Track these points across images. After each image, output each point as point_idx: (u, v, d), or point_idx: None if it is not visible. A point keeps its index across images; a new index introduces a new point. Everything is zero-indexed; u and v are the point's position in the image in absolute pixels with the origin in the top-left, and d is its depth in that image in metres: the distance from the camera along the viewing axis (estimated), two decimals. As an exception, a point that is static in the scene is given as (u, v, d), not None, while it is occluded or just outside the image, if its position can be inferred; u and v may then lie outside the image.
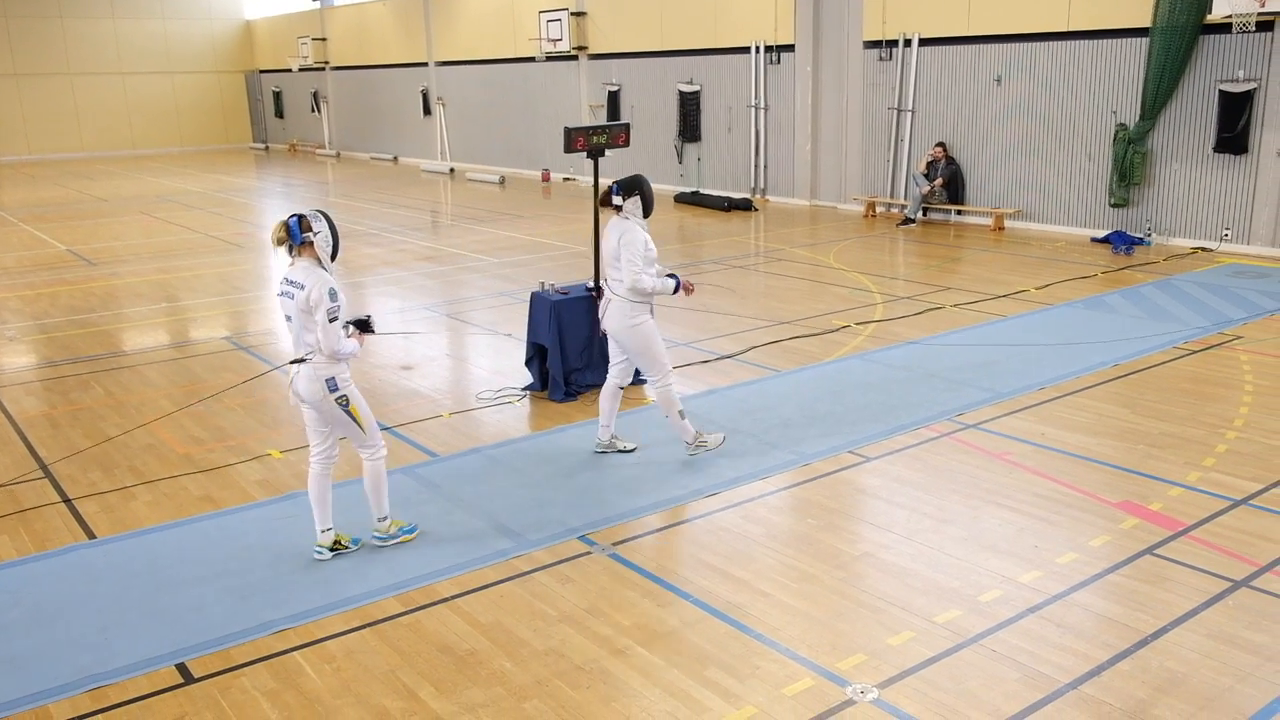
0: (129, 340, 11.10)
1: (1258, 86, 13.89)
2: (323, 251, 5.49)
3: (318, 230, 5.47)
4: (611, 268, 6.85)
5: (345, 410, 5.63)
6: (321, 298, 5.37)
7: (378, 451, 5.83)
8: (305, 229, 5.44)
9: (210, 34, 41.07)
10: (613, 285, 6.88)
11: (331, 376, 5.55)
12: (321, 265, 5.49)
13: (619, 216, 6.88)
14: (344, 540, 5.94)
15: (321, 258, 5.49)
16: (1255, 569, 5.42)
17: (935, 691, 4.42)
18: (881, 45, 18.58)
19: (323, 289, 5.38)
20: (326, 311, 5.38)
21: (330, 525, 5.87)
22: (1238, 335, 10.03)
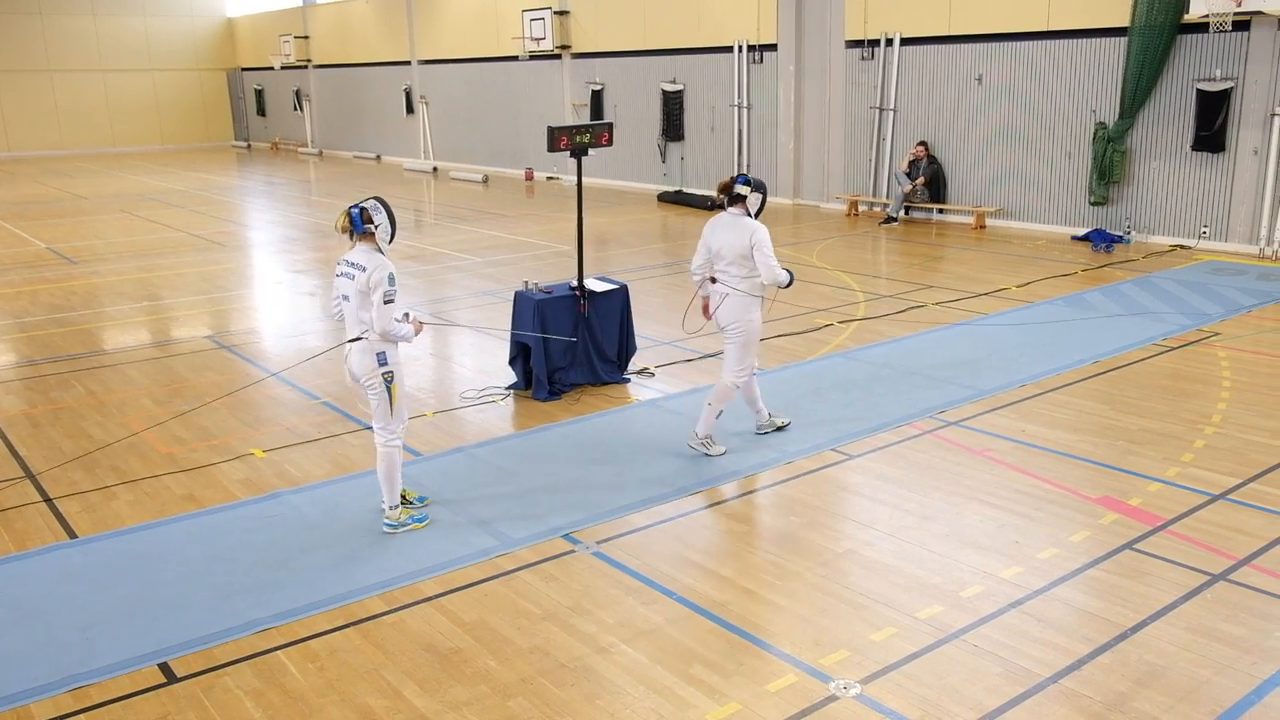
0: (110, 339, 11.04)
1: (1234, 85, 14.01)
2: (382, 241, 5.85)
3: (378, 223, 5.81)
4: (732, 263, 6.98)
5: (387, 386, 5.90)
6: (380, 281, 5.70)
7: (394, 439, 6.01)
8: (367, 220, 5.78)
9: (192, 31, 40.84)
10: (730, 280, 7.01)
11: (383, 351, 5.85)
12: (380, 250, 5.82)
13: (734, 211, 7.05)
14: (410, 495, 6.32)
15: (381, 245, 5.84)
16: (1233, 563, 5.48)
17: (918, 686, 4.45)
18: (863, 45, 18.65)
19: (382, 273, 5.72)
20: (384, 294, 5.71)
21: (397, 503, 6.12)
22: (1215, 332, 10.12)
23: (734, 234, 6.96)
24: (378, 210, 5.81)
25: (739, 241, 6.91)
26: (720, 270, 7.09)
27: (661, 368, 9.35)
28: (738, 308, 7.04)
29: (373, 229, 5.79)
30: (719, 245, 7.05)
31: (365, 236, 5.82)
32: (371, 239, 5.82)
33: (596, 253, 15.47)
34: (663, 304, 11.99)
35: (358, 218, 5.76)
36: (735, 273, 7.00)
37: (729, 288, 7.02)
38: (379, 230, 5.81)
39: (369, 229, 5.79)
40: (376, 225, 5.80)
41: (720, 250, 7.04)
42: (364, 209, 5.78)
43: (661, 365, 9.42)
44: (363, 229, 5.78)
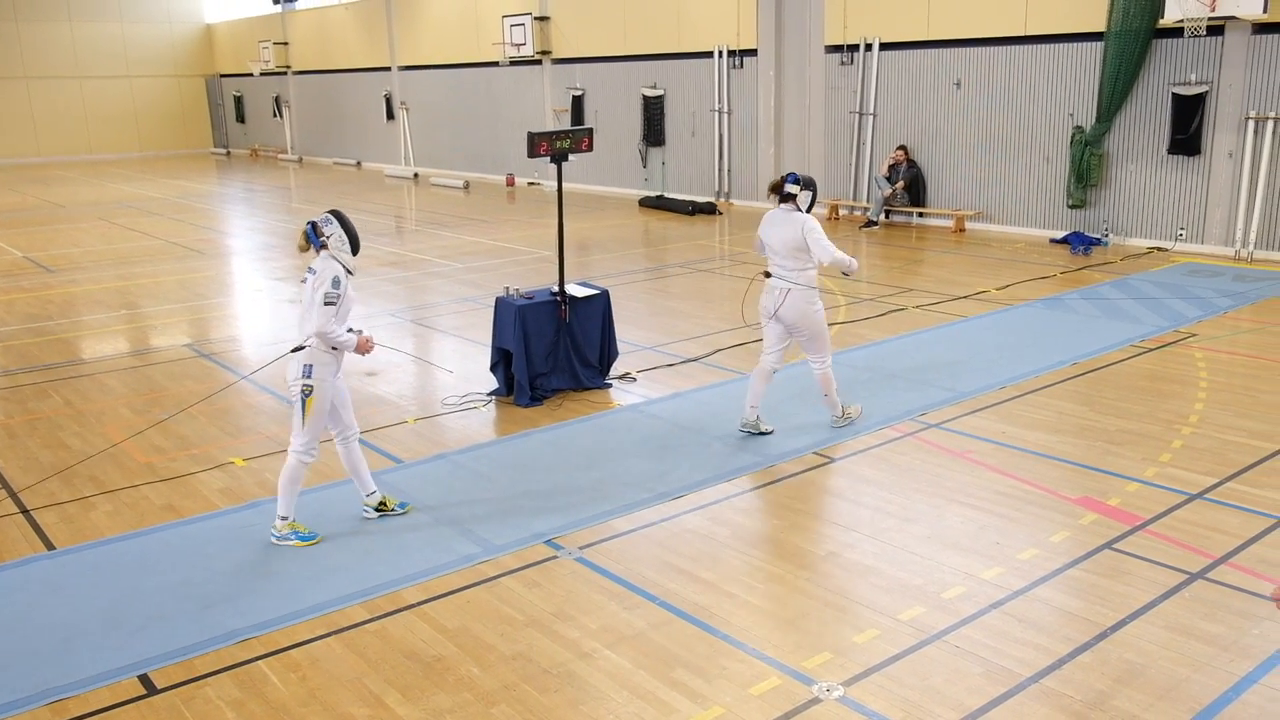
0: (88, 348, 10.96)
1: (1209, 89, 14.14)
2: (338, 251, 5.92)
3: (329, 233, 5.92)
4: (787, 258, 7.27)
5: (303, 399, 5.85)
6: (324, 281, 5.77)
7: (305, 454, 5.95)
8: (319, 233, 5.91)
9: (170, 37, 40.64)
10: (788, 275, 7.31)
11: (310, 364, 5.83)
12: (338, 259, 5.91)
13: (786, 208, 7.32)
14: (390, 502, 6.37)
15: (338, 256, 5.91)
16: (1210, 561, 5.52)
17: (900, 688, 4.47)
18: (843, 50, 18.73)
19: (328, 275, 5.79)
20: (324, 294, 5.75)
21: (373, 489, 6.30)
22: (1193, 333, 10.20)
23: (787, 228, 7.27)
24: (329, 223, 5.94)
25: (792, 234, 7.22)
26: (776, 265, 7.38)
27: (643, 373, 9.36)
28: (800, 302, 7.33)
29: (326, 240, 5.91)
30: (773, 240, 7.37)
31: (322, 249, 5.93)
32: (327, 250, 5.93)
33: (578, 258, 15.48)
34: (644, 309, 12.00)
35: (311, 233, 5.94)
36: (791, 265, 7.30)
37: (788, 282, 7.32)
38: (331, 240, 5.92)
39: (323, 241, 5.92)
40: (328, 236, 5.92)
41: (774, 245, 7.36)
42: (315, 224, 5.94)
43: (643, 370, 9.42)
44: (318, 243, 5.92)
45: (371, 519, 6.32)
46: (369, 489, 6.33)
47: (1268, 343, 9.82)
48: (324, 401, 5.91)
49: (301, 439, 5.93)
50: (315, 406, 5.89)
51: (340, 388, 6.09)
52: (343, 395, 6.13)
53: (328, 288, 5.77)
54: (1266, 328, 10.39)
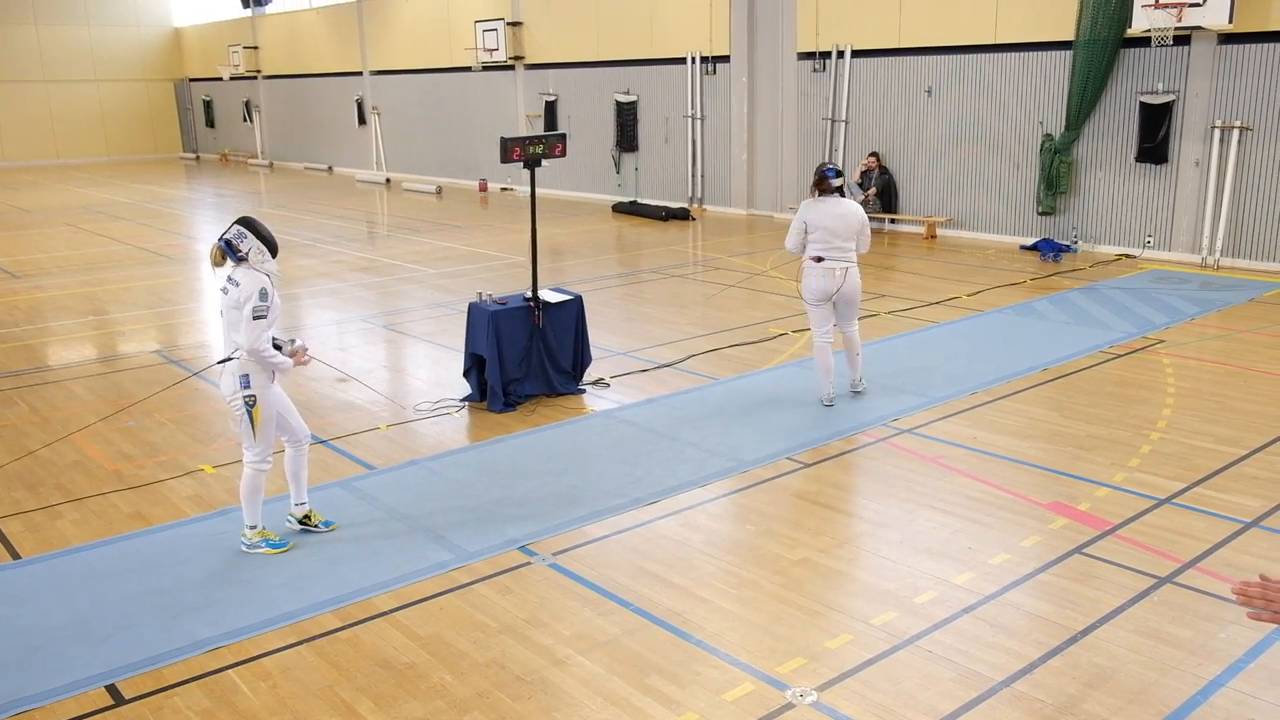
0: (54, 355, 10.83)
1: (1176, 98, 14.32)
2: (259, 263, 5.71)
3: (247, 248, 5.70)
4: (848, 239, 8.19)
5: (248, 410, 5.77)
6: (250, 295, 5.58)
7: (260, 464, 5.89)
8: (237, 251, 5.69)
9: (138, 41, 40.25)
10: (847, 255, 8.22)
11: (246, 374, 5.73)
12: (261, 270, 5.70)
13: (837, 198, 8.21)
14: (316, 518, 6.22)
15: (261, 268, 5.71)
16: (1179, 565, 5.58)
17: (873, 693, 4.48)
18: (815, 57, 18.83)
19: (254, 287, 5.60)
20: (252, 309, 5.58)
21: (304, 500, 6.19)
22: (1160, 339, 10.32)
23: (848, 211, 8.22)
24: (243, 237, 5.69)
25: (856, 217, 8.23)
26: (836, 248, 8.18)
27: (617, 378, 9.35)
28: (858, 277, 8.36)
29: (244, 254, 5.69)
30: (838, 225, 8.16)
31: (242, 263, 5.70)
32: (248, 263, 5.71)
33: (551, 264, 15.46)
34: (618, 314, 12.00)
35: (227, 249, 5.69)
36: (850, 246, 8.23)
37: (849, 261, 8.23)
38: (250, 253, 5.69)
39: (242, 256, 5.68)
40: (245, 251, 5.68)
41: (838, 229, 8.17)
42: (228, 240, 5.68)
43: (617, 376, 9.42)
44: (236, 259, 5.69)
45: (293, 529, 6.19)
46: (300, 499, 6.21)
47: (1234, 349, 9.95)
48: (269, 408, 5.84)
49: (255, 450, 5.87)
50: (262, 415, 5.81)
51: (279, 393, 5.99)
52: (284, 402, 6.05)
53: (255, 301, 5.57)
54: (1233, 334, 10.52)
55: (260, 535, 5.99)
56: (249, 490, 5.92)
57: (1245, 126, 13.73)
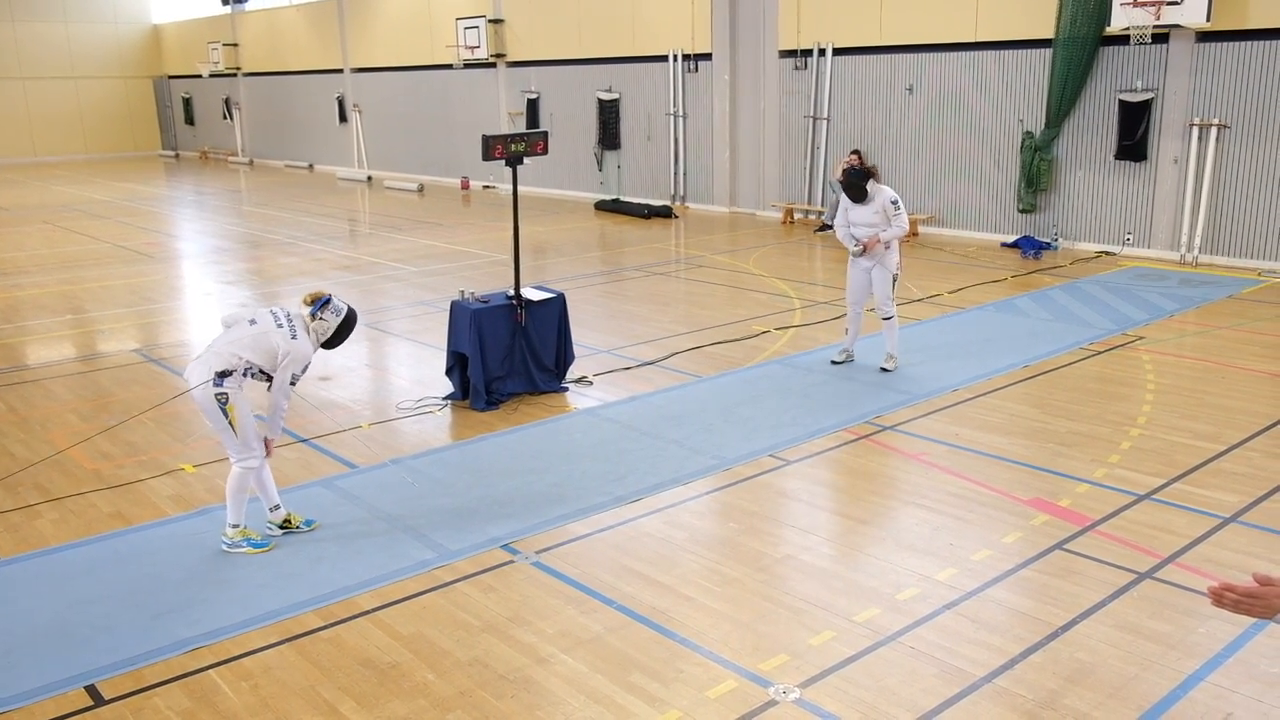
0: (32, 354, 10.74)
1: (1155, 96, 14.42)
2: (318, 334, 6.04)
3: (325, 319, 6.04)
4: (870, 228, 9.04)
5: (222, 408, 5.78)
6: (298, 362, 5.89)
7: (248, 461, 5.90)
8: (320, 313, 6.03)
9: (116, 38, 39.94)
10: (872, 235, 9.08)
11: (223, 374, 5.77)
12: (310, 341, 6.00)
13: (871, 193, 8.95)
14: (295, 520, 6.20)
15: (313, 338, 6.03)
16: (1158, 561, 5.62)
17: (856, 689, 4.50)
18: (797, 55, 18.86)
19: (305, 359, 5.93)
20: (293, 376, 5.91)
21: (278, 504, 6.16)
22: (1140, 336, 10.39)
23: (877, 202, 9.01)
24: (337, 313, 6.05)
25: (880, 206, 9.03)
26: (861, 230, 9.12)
27: (600, 376, 9.35)
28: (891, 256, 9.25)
29: (317, 318, 6.02)
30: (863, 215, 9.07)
31: (309, 319, 6.02)
32: (309, 324, 6.02)
33: (533, 261, 15.43)
34: (600, 312, 11.99)
35: (320, 304, 6.03)
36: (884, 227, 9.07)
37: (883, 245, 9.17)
38: (318, 325, 6.02)
39: (316, 315, 6.02)
40: (321, 319, 6.02)
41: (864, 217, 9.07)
42: (329, 299, 6.06)
43: (600, 374, 9.41)
44: (313, 312, 6.02)
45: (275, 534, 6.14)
46: (273, 503, 6.16)
47: (1213, 345, 10.03)
48: (243, 404, 5.84)
49: (239, 449, 5.87)
50: (238, 411, 5.81)
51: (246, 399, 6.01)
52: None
53: (297, 370, 5.90)
54: (1212, 331, 10.60)
55: (241, 534, 5.96)
56: (235, 488, 5.90)
57: (1223, 124, 13.83)
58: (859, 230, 9.12)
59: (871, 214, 9.01)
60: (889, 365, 9.31)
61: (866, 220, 9.06)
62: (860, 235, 9.12)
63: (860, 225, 9.10)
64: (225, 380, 5.75)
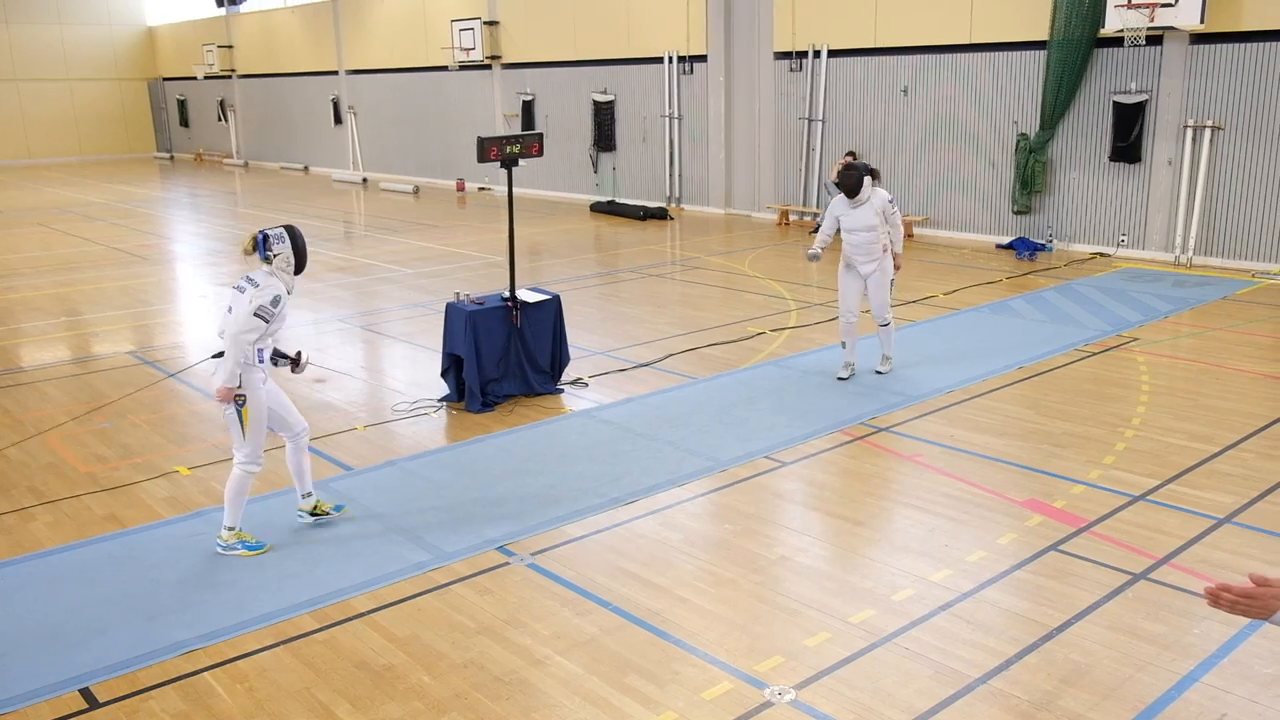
0: (27, 356, 10.72)
1: (1148, 98, 14.44)
2: (282, 272, 5.86)
3: (278, 251, 5.84)
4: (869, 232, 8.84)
5: (237, 410, 5.77)
6: (263, 296, 5.70)
7: (250, 465, 5.88)
8: (268, 248, 5.82)
9: (111, 40, 39.87)
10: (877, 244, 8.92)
11: (240, 373, 5.73)
12: (279, 278, 5.84)
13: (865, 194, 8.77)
14: (325, 507, 6.29)
15: (281, 276, 5.85)
16: (1153, 562, 5.62)
17: (851, 691, 4.50)
18: (792, 56, 18.87)
19: (270, 291, 5.73)
20: (258, 309, 5.68)
21: (310, 491, 6.22)
22: (1135, 337, 10.40)
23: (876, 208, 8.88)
24: (281, 240, 5.86)
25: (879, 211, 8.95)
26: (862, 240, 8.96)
27: (595, 378, 9.34)
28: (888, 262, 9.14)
29: (272, 256, 5.83)
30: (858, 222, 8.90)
31: (266, 262, 5.86)
32: (270, 265, 5.86)
33: (529, 263, 15.43)
34: (596, 314, 11.99)
35: (261, 244, 5.83)
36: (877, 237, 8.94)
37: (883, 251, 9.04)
38: (277, 260, 5.85)
39: (269, 256, 5.83)
40: (275, 254, 5.84)
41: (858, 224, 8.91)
42: (266, 235, 5.84)
43: (595, 375, 9.41)
44: (264, 254, 5.84)
45: (306, 523, 6.24)
46: (306, 490, 6.23)
47: (1207, 347, 10.05)
48: (260, 408, 5.82)
49: (245, 450, 5.86)
50: (252, 415, 5.80)
51: (274, 390, 6.01)
52: (279, 398, 6.05)
53: (264, 302, 5.69)
54: (1206, 332, 10.62)
55: (237, 537, 5.95)
56: (235, 491, 5.88)
57: (1217, 126, 13.86)
58: (857, 236, 8.85)
59: (870, 216, 8.78)
60: (884, 368, 9.28)
61: (865, 224, 8.80)
62: (859, 241, 8.86)
63: (858, 230, 8.84)
64: (243, 379, 5.74)
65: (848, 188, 8.80)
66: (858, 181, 8.75)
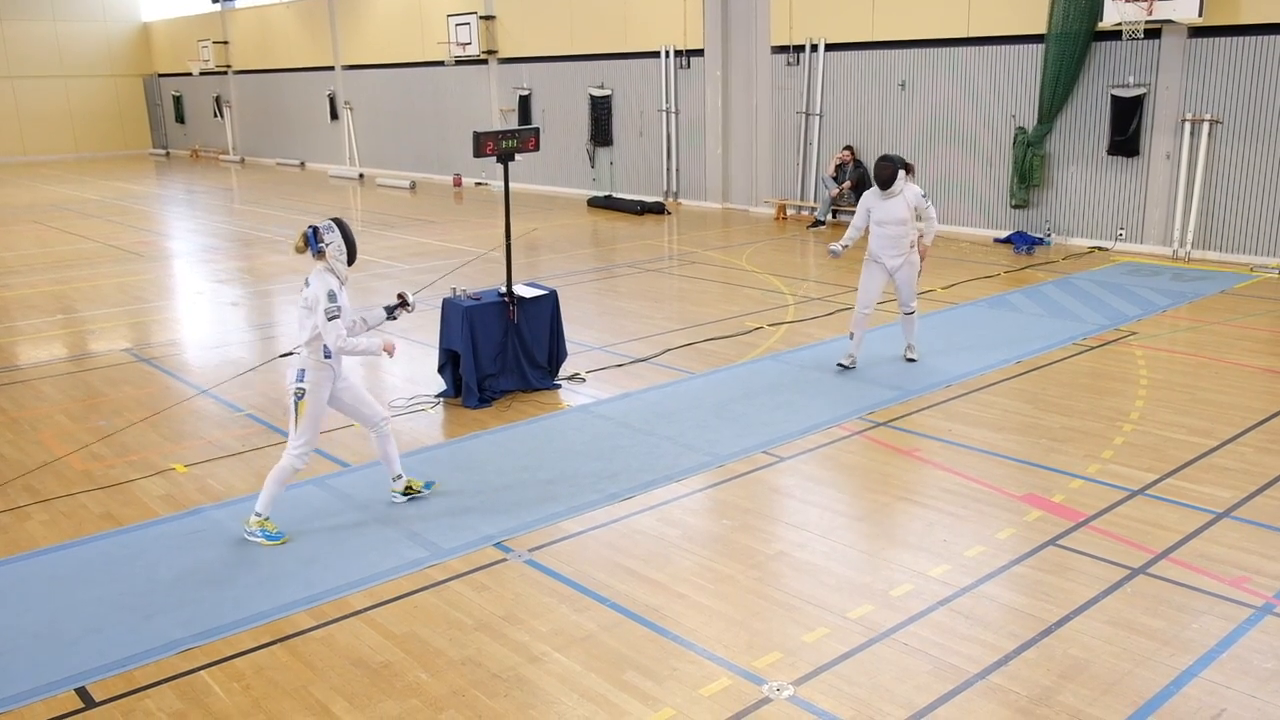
0: (22, 354, 10.69)
1: (1147, 91, 14.42)
2: (335, 261, 6.01)
3: (329, 241, 6.00)
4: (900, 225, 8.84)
5: (295, 401, 5.95)
6: (319, 298, 5.88)
7: (300, 458, 6.04)
8: (319, 240, 5.98)
9: (106, 36, 39.74)
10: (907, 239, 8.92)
11: (303, 369, 5.97)
12: (333, 271, 6.00)
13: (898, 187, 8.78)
14: (416, 485, 6.55)
15: (333, 266, 6.01)
16: (1152, 556, 5.61)
17: (849, 686, 4.49)
18: (789, 50, 18.84)
19: (321, 290, 5.89)
20: (325, 311, 5.86)
21: (400, 473, 6.48)
22: (1133, 331, 10.39)
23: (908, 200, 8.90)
24: (330, 230, 6.01)
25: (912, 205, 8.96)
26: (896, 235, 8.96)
27: (592, 373, 9.33)
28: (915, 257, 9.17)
29: (324, 247, 5.97)
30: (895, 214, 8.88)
31: (320, 255, 5.99)
32: (324, 258, 5.99)
33: (526, 258, 15.39)
34: (593, 309, 11.97)
35: (311, 237, 5.99)
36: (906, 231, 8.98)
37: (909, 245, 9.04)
38: (329, 248, 5.99)
39: (321, 248, 5.97)
40: (327, 244, 5.98)
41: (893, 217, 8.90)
42: (316, 229, 6.00)
43: (592, 371, 9.39)
44: (316, 248, 5.98)
45: (400, 503, 6.49)
46: (396, 472, 6.48)
47: (1205, 341, 10.04)
48: (318, 405, 6.02)
49: (297, 440, 6.03)
50: (308, 410, 5.98)
51: (350, 385, 6.23)
52: (356, 392, 6.26)
53: (325, 303, 5.86)
54: (1204, 326, 10.61)
55: (260, 525, 6.03)
56: (276, 478, 6.03)
57: (1215, 120, 13.85)
58: (889, 229, 8.85)
59: (902, 209, 8.80)
60: (915, 355, 9.44)
61: (896, 217, 8.82)
62: (890, 235, 8.87)
63: (890, 224, 8.85)
64: (306, 375, 5.96)
65: (882, 180, 8.82)
66: (892, 174, 8.77)
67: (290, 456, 6.03)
